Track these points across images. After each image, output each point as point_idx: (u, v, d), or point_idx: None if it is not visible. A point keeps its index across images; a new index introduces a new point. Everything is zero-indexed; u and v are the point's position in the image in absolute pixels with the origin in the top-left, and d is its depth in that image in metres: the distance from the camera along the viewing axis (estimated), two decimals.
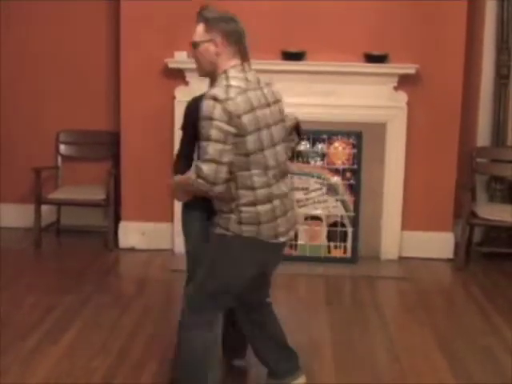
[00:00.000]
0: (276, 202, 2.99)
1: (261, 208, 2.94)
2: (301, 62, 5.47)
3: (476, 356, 4.00)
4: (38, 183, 5.71)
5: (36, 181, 5.69)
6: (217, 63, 2.96)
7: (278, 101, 3.11)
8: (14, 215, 6.07)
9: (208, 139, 2.83)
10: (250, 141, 2.88)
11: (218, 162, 2.83)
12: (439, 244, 5.66)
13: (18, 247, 5.73)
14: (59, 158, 6.05)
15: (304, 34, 5.44)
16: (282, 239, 3.04)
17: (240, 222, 2.95)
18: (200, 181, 2.86)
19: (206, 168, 2.84)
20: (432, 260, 5.62)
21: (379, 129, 5.51)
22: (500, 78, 5.75)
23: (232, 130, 2.83)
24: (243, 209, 2.94)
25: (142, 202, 5.69)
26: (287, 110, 3.25)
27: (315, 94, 5.45)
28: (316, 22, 5.43)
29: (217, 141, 2.82)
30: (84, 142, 6.07)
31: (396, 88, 5.49)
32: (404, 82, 5.46)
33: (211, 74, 3.01)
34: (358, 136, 5.50)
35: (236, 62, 2.97)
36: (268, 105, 3.00)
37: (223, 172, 2.85)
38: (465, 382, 3.70)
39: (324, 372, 3.78)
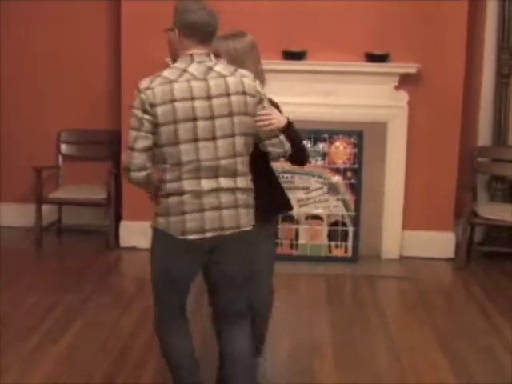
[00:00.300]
0: (186, 197, 2.85)
1: (170, 200, 2.88)
2: (302, 62, 5.46)
3: (477, 355, 4.00)
4: (39, 183, 5.71)
5: (37, 180, 5.69)
6: (179, 52, 2.95)
7: (230, 94, 2.85)
8: (15, 215, 6.07)
9: (129, 127, 2.87)
10: (163, 132, 2.82)
11: (131, 149, 2.84)
12: (440, 243, 5.65)
13: (18, 247, 5.73)
14: (60, 158, 6.05)
15: (305, 33, 5.43)
16: (190, 237, 2.87)
17: (158, 214, 2.94)
18: (122, 168, 2.94)
19: (124, 155, 2.90)
20: (433, 259, 5.61)
21: (380, 128, 5.51)
22: (501, 78, 5.74)
23: (148, 117, 2.81)
24: (160, 200, 2.93)
25: (143, 201, 5.63)
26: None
27: (316, 94, 5.44)
28: (317, 21, 5.42)
29: (133, 128, 2.84)
30: (85, 141, 6.07)
31: (397, 87, 5.49)
32: (405, 81, 5.45)
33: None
34: (359, 135, 5.50)
35: (191, 52, 2.89)
36: (208, 98, 2.83)
37: (137, 158, 2.84)
38: (465, 382, 3.70)
39: (324, 371, 3.78)
